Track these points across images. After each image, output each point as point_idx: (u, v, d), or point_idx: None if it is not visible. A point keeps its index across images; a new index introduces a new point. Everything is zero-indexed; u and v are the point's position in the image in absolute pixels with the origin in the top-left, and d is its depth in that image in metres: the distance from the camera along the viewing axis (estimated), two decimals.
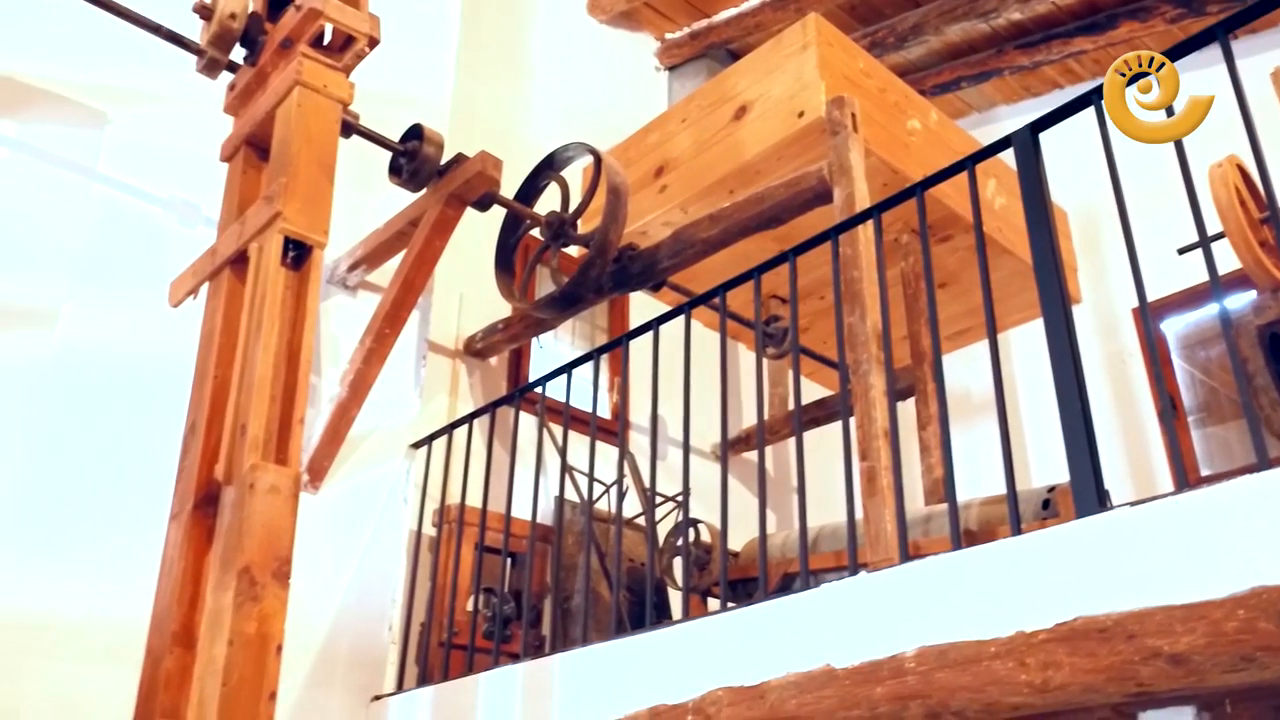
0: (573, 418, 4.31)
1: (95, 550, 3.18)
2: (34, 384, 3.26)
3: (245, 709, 2.14)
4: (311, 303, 2.59)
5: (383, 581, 3.90)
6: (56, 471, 3.21)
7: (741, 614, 2.60)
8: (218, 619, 2.22)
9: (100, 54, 3.70)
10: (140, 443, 3.33)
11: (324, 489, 3.81)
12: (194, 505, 2.54)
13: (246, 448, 2.35)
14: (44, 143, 3.52)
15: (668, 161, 5.20)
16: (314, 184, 2.68)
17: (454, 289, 4.60)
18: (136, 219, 3.67)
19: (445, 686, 3.41)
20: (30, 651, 3.00)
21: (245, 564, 2.23)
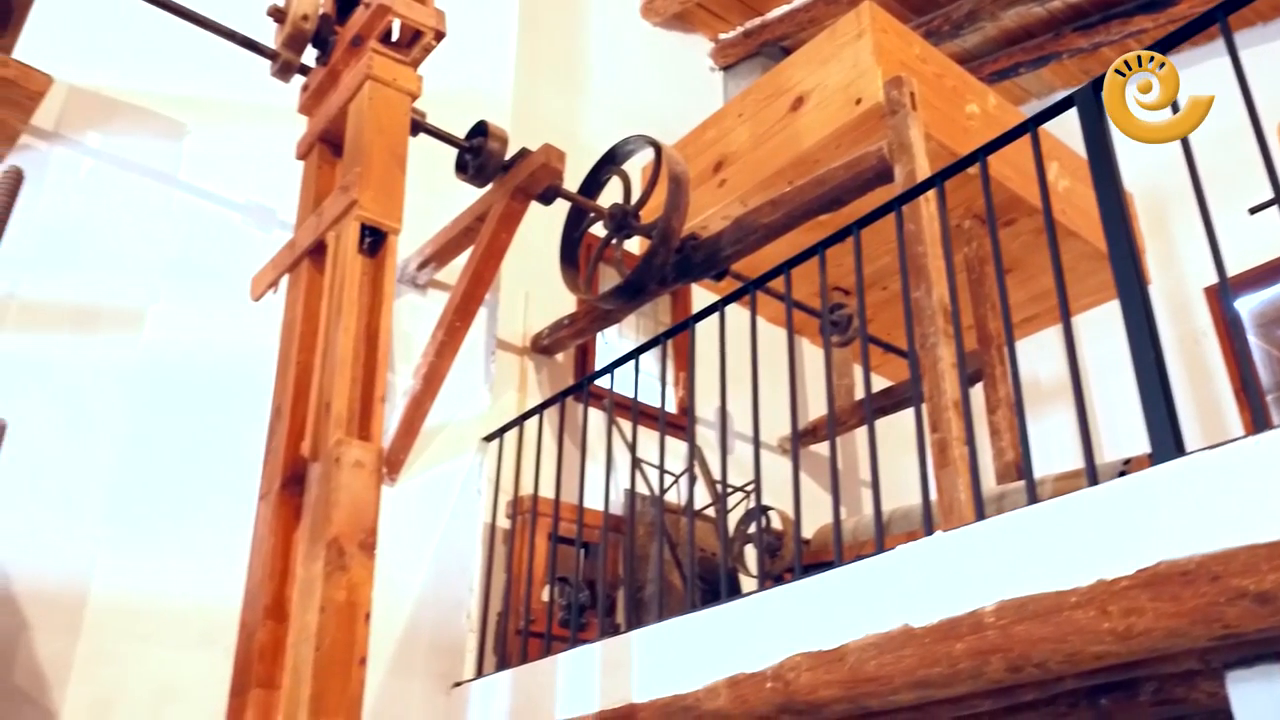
0: (640, 412, 4.37)
1: (187, 537, 3.30)
2: (125, 382, 3.39)
3: (338, 673, 2.21)
4: (388, 287, 2.67)
5: (459, 571, 3.97)
6: (149, 464, 3.34)
7: (818, 580, 2.62)
8: (309, 588, 2.30)
9: (178, 67, 3.86)
10: (226, 432, 3.46)
11: (400, 481, 3.90)
12: (281, 484, 2.63)
13: (331, 425, 2.43)
14: (128, 153, 3.67)
15: (726, 156, 5.25)
16: (387, 173, 2.77)
17: (519, 289, 4.69)
18: (216, 224, 3.81)
19: (524, 669, 3.47)
20: (130, 637, 3.12)
21: (333, 535, 2.30)
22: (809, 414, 5.69)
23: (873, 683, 2.38)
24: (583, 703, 3.12)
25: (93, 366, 3.33)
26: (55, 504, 3.13)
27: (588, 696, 3.11)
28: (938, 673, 2.27)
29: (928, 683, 2.30)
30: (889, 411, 5.02)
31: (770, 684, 2.58)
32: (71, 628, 3.05)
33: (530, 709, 3.32)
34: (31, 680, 2.95)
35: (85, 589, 3.10)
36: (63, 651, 3.01)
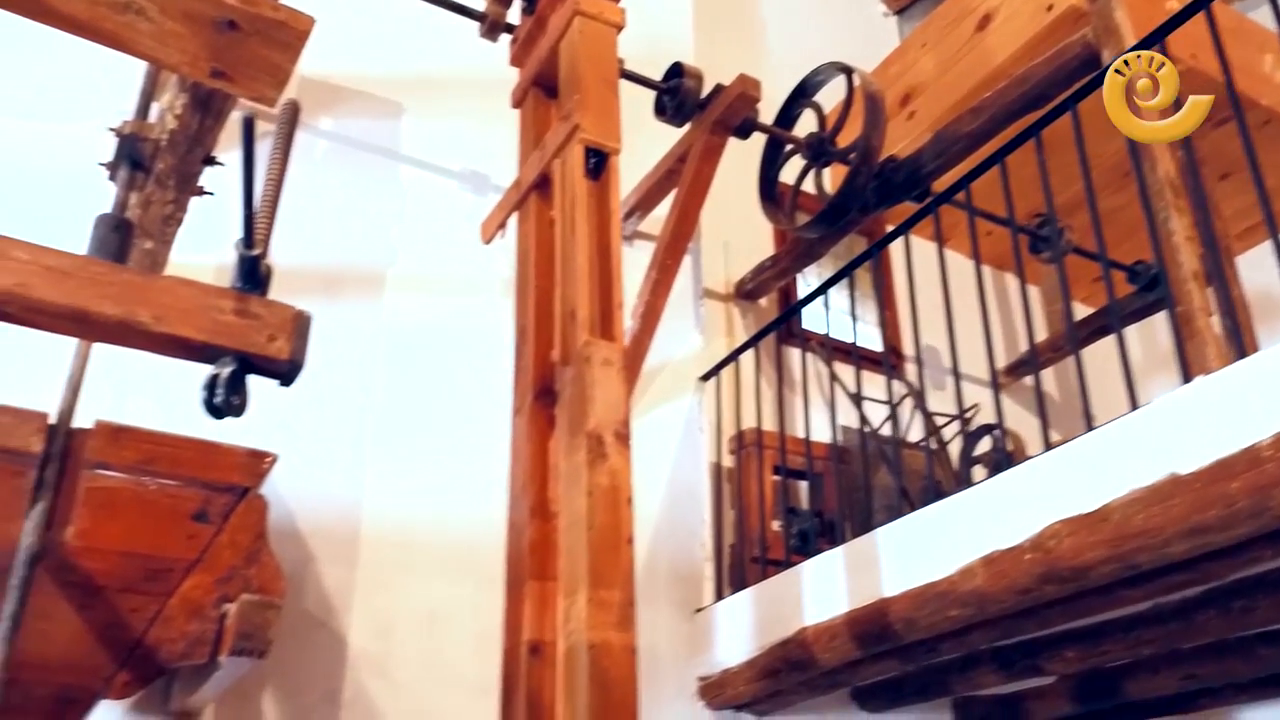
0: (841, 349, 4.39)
1: (443, 472, 3.55)
2: (372, 341, 3.67)
3: (609, 551, 2.33)
4: (614, 204, 2.80)
5: (689, 505, 4.08)
6: (402, 411, 3.60)
7: (1073, 445, 2.57)
8: (574, 478, 2.43)
9: (391, 51, 4.16)
10: (467, 372, 3.74)
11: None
12: (534, 397, 2.79)
13: (578, 329, 2.57)
14: (355, 133, 3.97)
15: (912, 88, 5.20)
16: (603, 98, 2.90)
17: (718, 238, 4.77)
18: (436, 191, 4.08)
19: (767, 584, 3.53)
20: (401, 568, 3.36)
21: (591, 427, 2.43)
22: (1019, 347, 5.54)
23: (1141, 537, 2.32)
24: (830, 606, 3.16)
25: (345, 325, 3.61)
26: (325, 447, 3.41)
27: (835, 599, 3.15)
28: (1213, 516, 2.20)
29: (1202, 528, 2.23)
30: (1105, 333, 4.84)
31: (1029, 555, 2.55)
32: (349, 559, 3.31)
33: (776, 621, 3.38)
34: (320, 606, 3.22)
35: (357, 523, 3.36)
36: (344, 580, 3.28)
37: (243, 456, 2.47)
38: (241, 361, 1.90)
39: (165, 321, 1.85)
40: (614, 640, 2.24)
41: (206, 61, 2.24)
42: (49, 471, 2.22)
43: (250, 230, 1.98)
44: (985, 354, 3.51)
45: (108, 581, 2.31)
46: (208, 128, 2.62)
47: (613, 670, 2.21)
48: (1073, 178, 3.32)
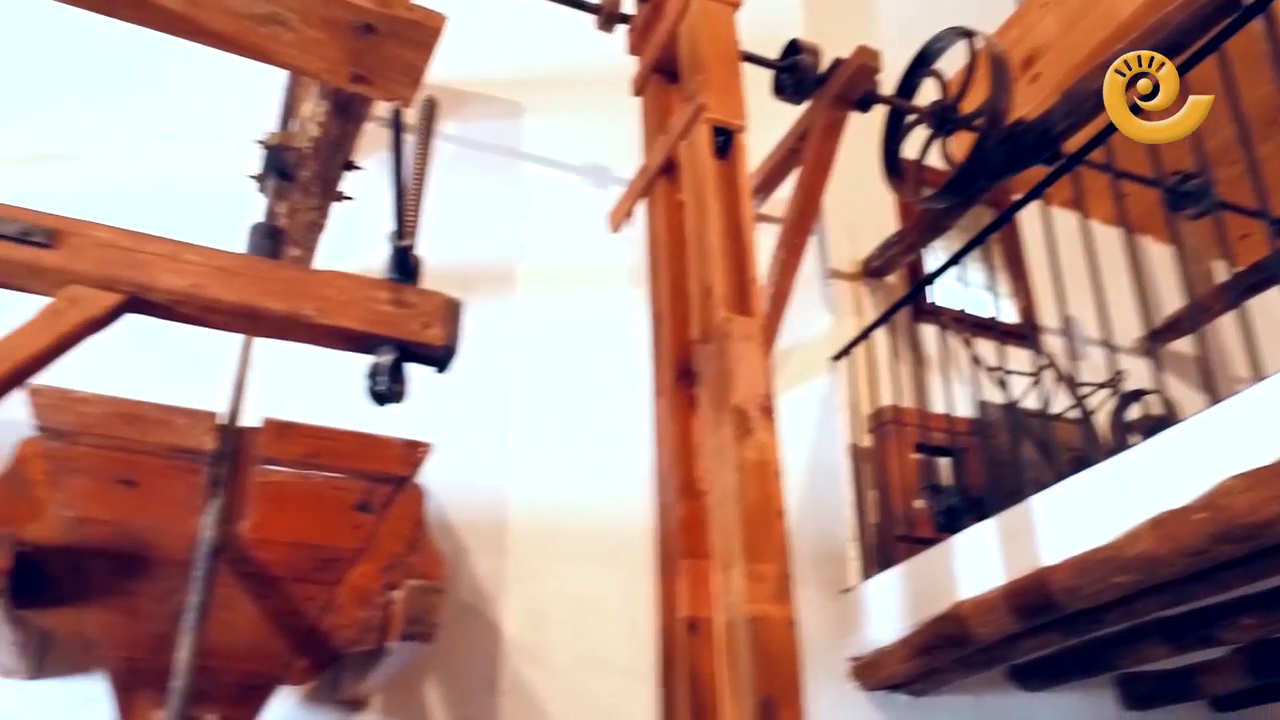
0: (976, 323, 4.29)
1: (585, 461, 3.59)
2: (507, 336, 3.74)
3: (761, 525, 2.32)
4: (742, 180, 2.80)
5: (829, 485, 4.04)
6: (541, 403, 3.67)
7: (1242, 398, 2.45)
8: (721, 453, 2.43)
9: (508, 54, 4.24)
10: (599, 363, 3.78)
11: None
12: (674, 379, 2.81)
13: (715, 306, 2.57)
14: (478, 135, 4.06)
15: (1035, 50, 5.04)
16: (726, 77, 2.90)
17: (841, 219, 4.71)
18: (560, 188, 4.14)
19: (916, 560, 3.47)
20: (549, 555, 3.42)
21: (736, 403, 2.43)
22: (1163, 310, 5.31)
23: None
24: (985, 579, 3.08)
25: (480, 322, 3.66)
26: (470, 442, 3.48)
27: (990, 572, 3.07)
28: None
29: None
30: (1261, 289, 4.60)
31: (1201, 514, 2.44)
32: (499, 549, 3.38)
33: (929, 598, 3.31)
34: (474, 595, 3.29)
35: (505, 514, 3.43)
36: (495, 569, 3.35)
37: (399, 447, 2.55)
38: (400, 349, 1.96)
39: (328, 314, 1.92)
40: (773, 613, 2.23)
41: (346, 66, 2.31)
42: (222, 468, 2.32)
43: (401, 222, 2.04)
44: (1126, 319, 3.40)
45: (282, 572, 2.41)
46: (348, 133, 2.71)
47: (774, 642, 2.20)
48: (1212, 129, 3.17)
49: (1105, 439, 4.22)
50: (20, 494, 2.25)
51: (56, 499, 2.26)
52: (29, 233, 1.76)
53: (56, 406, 2.25)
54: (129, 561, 2.31)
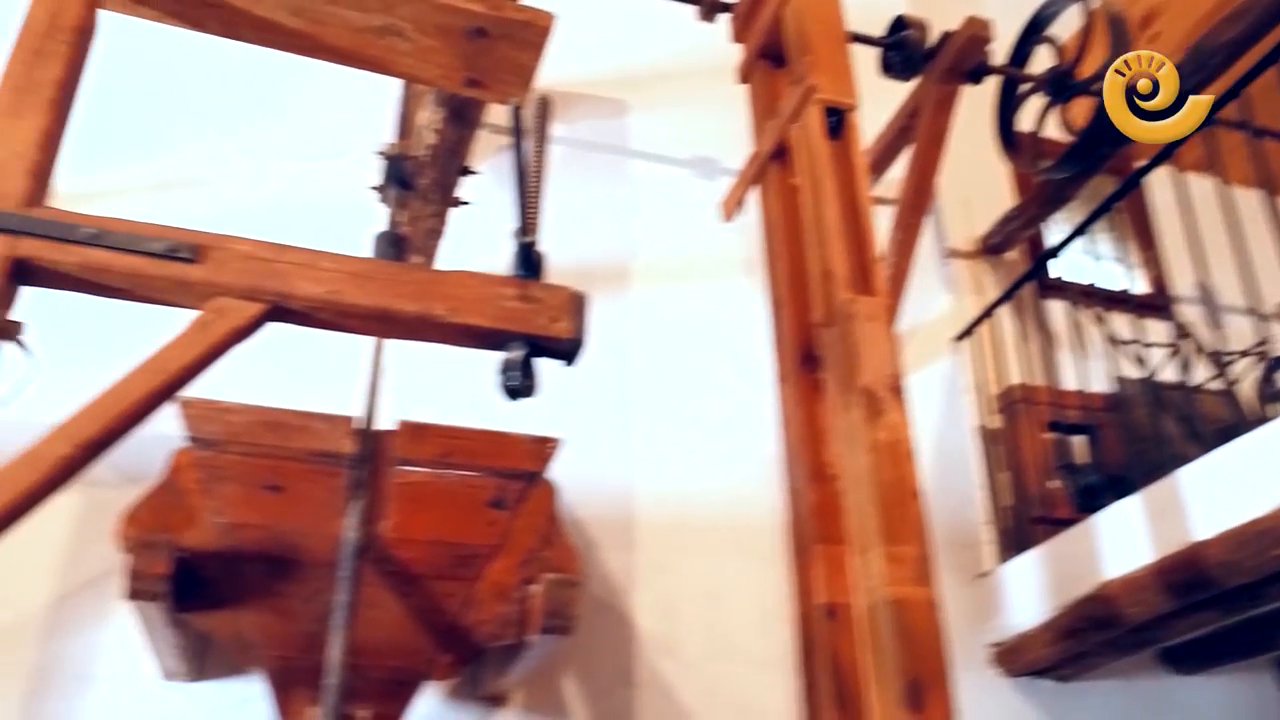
0: (1107, 297, 4.14)
1: (708, 453, 3.60)
2: (625, 332, 3.76)
3: (897, 506, 2.27)
4: (857, 159, 2.75)
5: (958, 470, 3.95)
6: (661, 397, 3.69)
7: None
8: (852, 435, 2.39)
9: (611, 51, 4.27)
10: (718, 355, 3.79)
11: None
12: (797, 364, 2.79)
13: (837, 287, 2.54)
14: (585, 135, 4.10)
15: (1152, 9, 4.86)
16: (834, 56, 2.86)
17: (957, 194, 4.61)
18: (668, 182, 4.14)
19: (1056, 541, 3.36)
20: (678, 548, 3.43)
21: (864, 384, 2.39)
22: None
23: None
24: (1133, 558, 2.97)
25: (598, 319, 3.69)
26: (593, 438, 3.51)
27: (1138, 550, 2.95)
28: None
29: None
30: None
31: None
32: (627, 543, 3.40)
33: (1072, 579, 3.21)
34: (606, 590, 3.31)
35: (631, 508, 3.45)
36: (625, 564, 3.37)
37: (529, 443, 2.58)
38: (529, 344, 1.98)
39: (458, 313, 1.95)
40: (914, 595, 2.18)
41: (460, 71, 2.36)
42: (362, 471, 2.38)
43: (524, 219, 2.06)
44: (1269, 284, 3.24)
45: (422, 569, 2.46)
46: (463, 138, 2.77)
47: (917, 624, 2.15)
48: None
49: (1252, 408, 4.02)
50: (176, 503, 2.36)
51: (209, 506, 2.36)
52: (175, 249, 1.84)
53: (205, 417, 2.35)
54: (279, 564, 2.39)
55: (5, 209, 1.80)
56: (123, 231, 1.83)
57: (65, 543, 2.98)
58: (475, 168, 3.00)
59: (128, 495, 2.42)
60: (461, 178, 2.94)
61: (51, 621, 2.90)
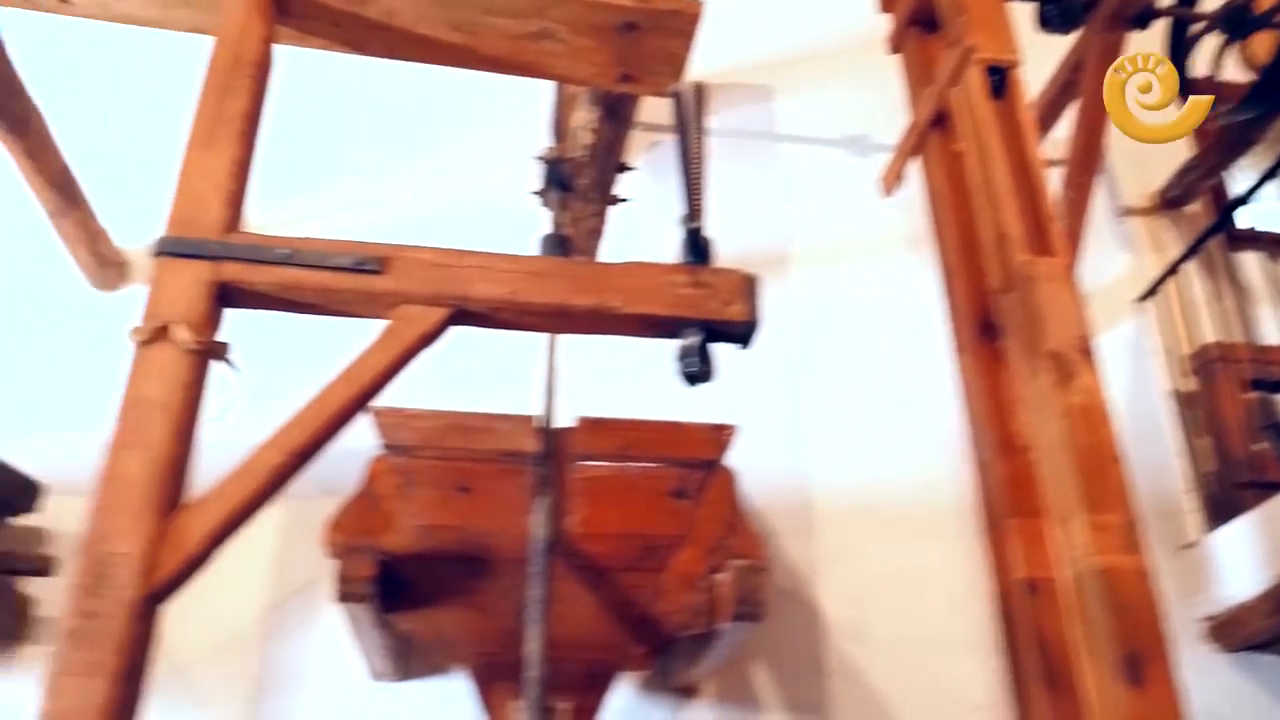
0: None
1: (883, 434, 3.54)
2: (789, 317, 3.74)
3: (1096, 473, 2.17)
4: (1024, 117, 2.64)
5: (1150, 437, 3.75)
6: (830, 381, 3.66)
7: None
8: (1041, 402, 2.30)
9: (753, 37, 4.25)
10: (885, 333, 3.74)
11: None
12: (975, 334, 2.69)
13: (1013, 250, 2.44)
14: (733, 124, 4.09)
15: None
16: (992, 12, 2.76)
17: (1127, 148, 4.36)
18: (820, 164, 4.09)
19: (1270, 505, 3.15)
20: (860, 533, 3.38)
21: (1050, 348, 2.29)
22: None
23: None
24: None
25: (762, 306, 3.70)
26: (765, 426, 3.48)
27: None
28: None
29: None
30: None
31: None
32: (807, 530, 3.37)
33: None
34: (789, 579, 3.29)
35: (809, 495, 3.41)
36: (807, 551, 3.33)
37: (706, 432, 2.59)
38: (705, 329, 1.98)
39: (633, 303, 1.97)
40: (1124, 564, 2.08)
41: (613, 68, 2.39)
42: (547, 468, 2.43)
43: (691, 204, 2.06)
44: None
45: (610, 562, 2.49)
46: (619, 135, 2.79)
47: (1129, 594, 2.05)
48: None
49: None
50: (375, 508, 2.46)
51: (406, 510, 2.45)
52: (362, 262, 1.91)
53: (396, 425, 2.45)
54: (473, 562, 2.47)
55: (206, 237, 1.91)
56: (313, 249, 1.92)
57: (273, 555, 3.15)
58: (631, 164, 3.02)
59: (326, 507, 2.53)
60: (619, 175, 2.97)
61: (266, 629, 3.07)
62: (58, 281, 3.46)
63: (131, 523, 1.64)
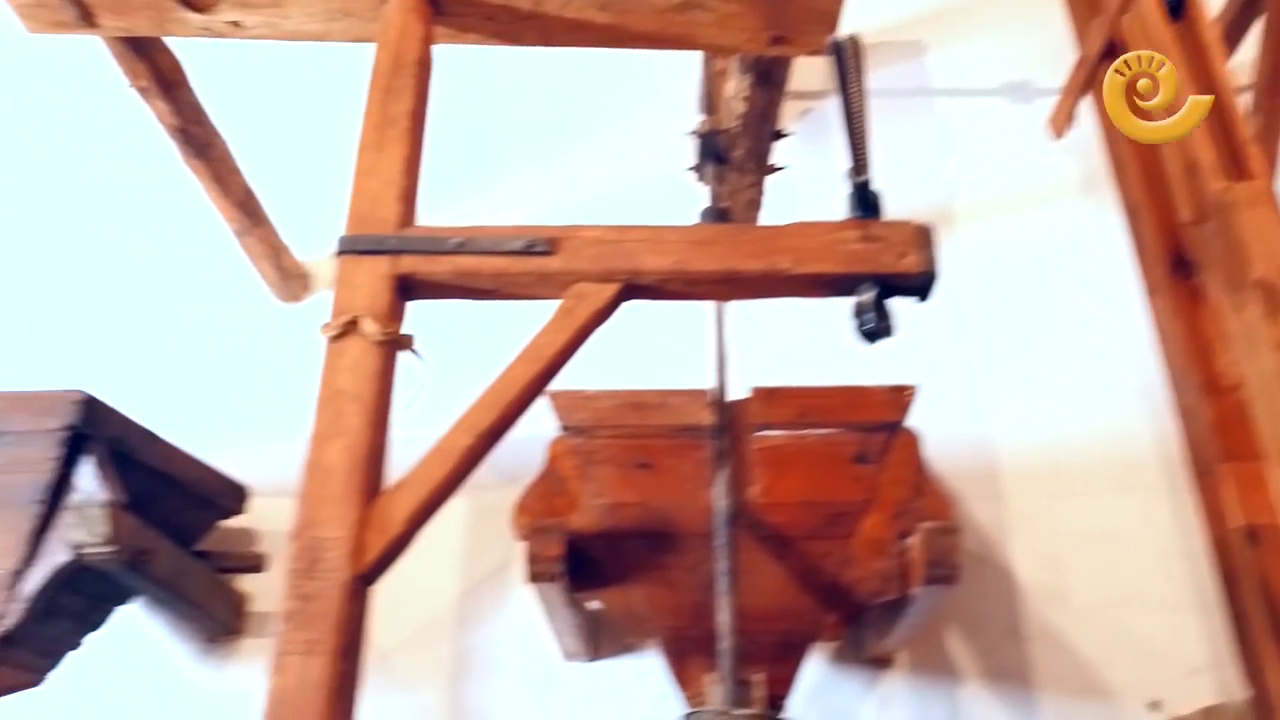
0: None
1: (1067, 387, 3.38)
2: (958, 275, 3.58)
3: None
4: (1207, 36, 2.49)
5: None
6: (1004, 337, 3.51)
7: None
8: (1250, 337, 2.15)
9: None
10: (1063, 283, 3.58)
11: None
12: (1167, 272, 2.56)
13: (1206, 178, 2.29)
14: (885, 84, 3.97)
15: None
16: None
17: None
18: (980, 115, 3.94)
19: None
20: (1051, 492, 3.23)
21: (1258, 277, 2.14)
22: None
23: None
24: None
25: None
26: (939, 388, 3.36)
27: None
28: None
29: None
30: None
31: None
32: (994, 493, 3.24)
33: None
34: (979, 543, 3.18)
35: (993, 456, 3.29)
36: (996, 514, 3.21)
37: (885, 394, 2.52)
38: (880, 283, 1.93)
39: (804, 263, 1.94)
40: None
41: (764, 31, 2.35)
42: (724, 440, 2.42)
43: (856, 158, 2.02)
44: None
45: (795, 531, 2.46)
46: (773, 101, 2.75)
47: None
48: None
49: None
50: (558, 489, 2.50)
51: (588, 489, 2.48)
52: (533, 244, 1.94)
53: (573, 406, 2.48)
54: (658, 538, 2.48)
55: (383, 233, 1.98)
56: (484, 236, 1.96)
57: (460, 545, 3.26)
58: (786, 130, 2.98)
59: (508, 496, 2.58)
60: (774, 143, 2.93)
61: (459, 616, 3.17)
62: (245, 297, 3.66)
63: (337, 509, 1.71)
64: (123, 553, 2.39)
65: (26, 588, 2.42)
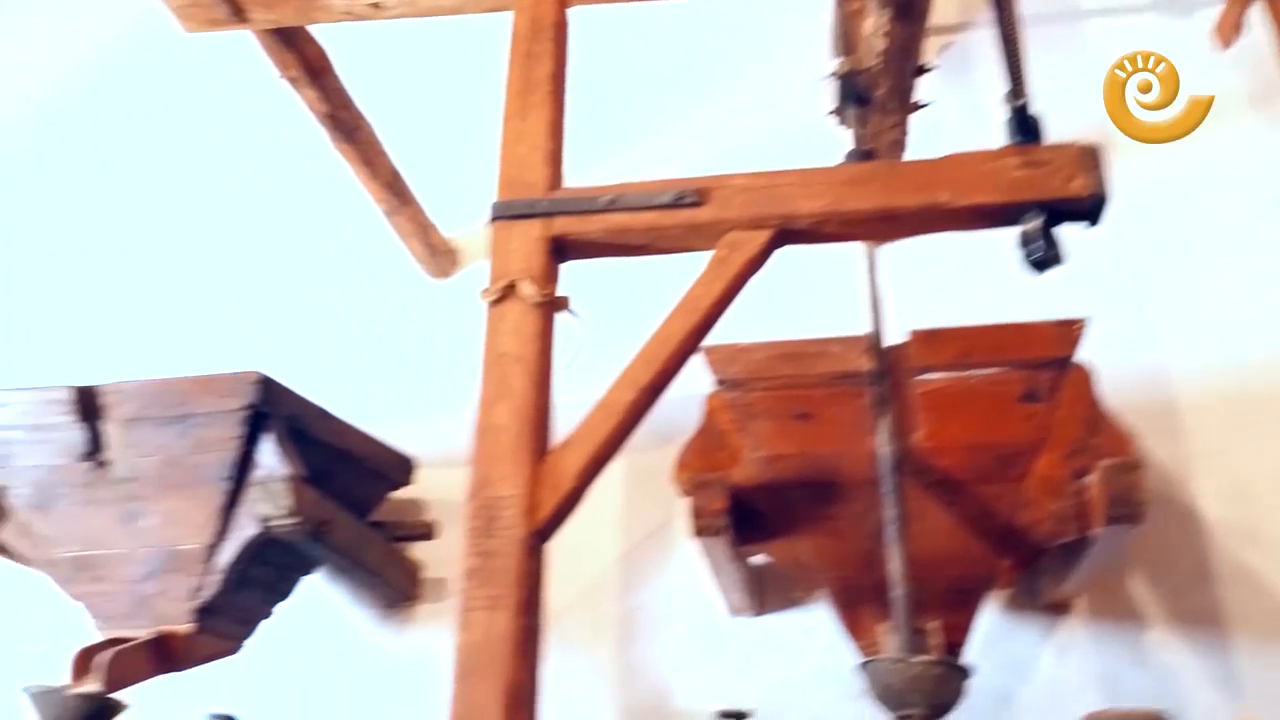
0: None
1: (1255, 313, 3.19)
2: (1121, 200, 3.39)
3: None
4: None
5: None
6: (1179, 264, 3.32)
7: None
8: None
9: None
10: (1235, 204, 3.40)
11: None
12: None
13: None
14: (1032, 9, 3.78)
15: None
16: None
17: None
18: (1131, 36, 3.71)
19: None
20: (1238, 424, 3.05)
21: None
22: None
23: None
24: None
25: None
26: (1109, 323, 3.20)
27: None
28: None
29: None
30: None
31: None
32: (1174, 428, 3.08)
33: None
34: (1159, 481, 2.99)
35: (1168, 390, 3.13)
36: (1174, 451, 3.04)
37: (1052, 329, 2.42)
38: (1046, 210, 1.85)
39: (964, 194, 1.87)
40: None
41: None
42: (884, 386, 2.36)
43: (1014, 81, 1.93)
44: None
45: (964, 475, 2.40)
46: (914, 35, 2.64)
47: None
48: None
49: None
50: (718, 444, 2.50)
51: (747, 443, 2.47)
52: (682, 196, 1.93)
53: (727, 360, 2.46)
54: (821, 488, 2.45)
55: (535, 196, 2.00)
56: (634, 191, 1.96)
57: (621, 506, 3.29)
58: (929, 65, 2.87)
59: (664, 457, 2.59)
60: (917, 79, 2.82)
61: (624, 576, 3.22)
62: (397, 275, 3.77)
63: (509, 468, 1.75)
64: (306, 524, 2.50)
65: (221, 560, 2.57)
